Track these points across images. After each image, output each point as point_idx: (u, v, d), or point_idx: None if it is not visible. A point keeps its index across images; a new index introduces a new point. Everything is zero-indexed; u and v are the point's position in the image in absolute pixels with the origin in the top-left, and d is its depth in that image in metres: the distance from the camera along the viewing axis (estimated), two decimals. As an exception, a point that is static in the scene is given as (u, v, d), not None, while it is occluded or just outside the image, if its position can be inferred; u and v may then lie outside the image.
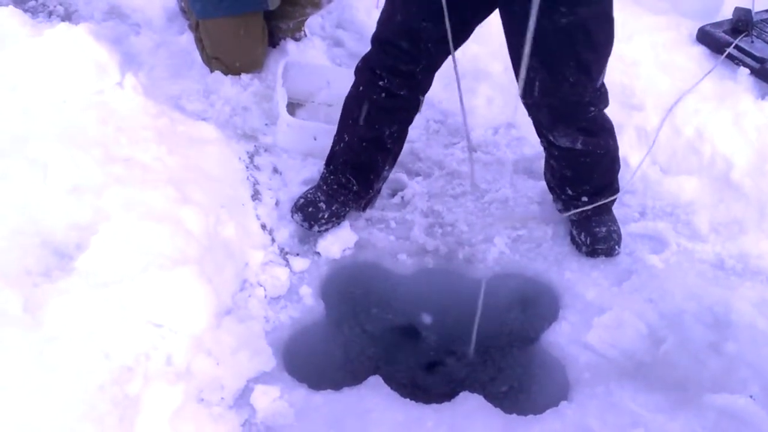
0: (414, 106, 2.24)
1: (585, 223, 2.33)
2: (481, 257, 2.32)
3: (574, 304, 2.19)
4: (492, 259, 2.31)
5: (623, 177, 2.41)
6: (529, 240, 2.38)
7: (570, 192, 2.31)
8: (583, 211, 2.29)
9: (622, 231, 2.37)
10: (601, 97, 2.10)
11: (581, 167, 2.24)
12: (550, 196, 2.42)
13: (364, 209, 2.40)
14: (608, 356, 2.05)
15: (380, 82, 2.15)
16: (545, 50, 1.90)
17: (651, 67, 2.79)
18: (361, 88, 2.22)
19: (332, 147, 2.35)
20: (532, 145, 2.70)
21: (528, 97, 2.07)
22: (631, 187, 2.50)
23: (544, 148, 2.28)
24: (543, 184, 2.45)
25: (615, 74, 2.69)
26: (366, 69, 2.19)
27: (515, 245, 2.36)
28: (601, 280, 2.26)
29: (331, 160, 2.35)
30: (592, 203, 2.28)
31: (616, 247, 2.32)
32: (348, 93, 2.29)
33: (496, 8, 2.02)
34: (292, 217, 2.34)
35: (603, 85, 2.10)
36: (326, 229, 2.31)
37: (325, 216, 2.29)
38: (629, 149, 2.57)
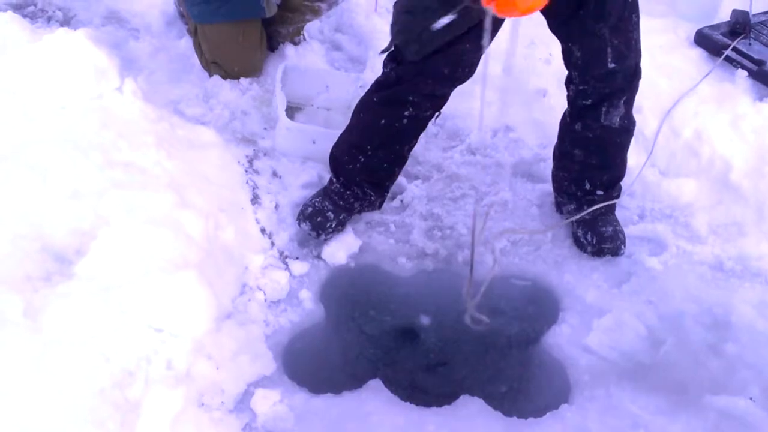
0: (434, 116, 2.25)
1: (591, 223, 2.33)
2: (480, 260, 2.31)
3: (574, 306, 2.20)
4: (492, 261, 2.31)
5: (623, 180, 2.41)
6: (529, 242, 2.38)
7: (587, 186, 2.32)
8: (594, 209, 2.28)
9: (622, 233, 2.38)
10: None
11: (610, 149, 2.27)
12: (550, 199, 2.43)
13: (380, 207, 2.42)
14: (608, 358, 2.05)
15: (407, 111, 2.15)
16: (614, 16, 1.99)
17: (649, 70, 2.74)
18: (383, 121, 2.20)
19: (343, 164, 2.30)
20: (530, 148, 2.71)
21: (599, 67, 2.09)
22: (630, 190, 2.50)
23: (571, 139, 2.28)
24: (542, 186, 2.45)
25: (613, 77, 2.70)
26: (395, 102, 2.15)
27: (515, 248, 2.37)
28: (601, 283, 2.27)
29: (342, 175, 2.32)
30: (604, 199, 2.30)
31: (622, 246, 2.33)
32: (365, 121, 2.25)
33: None
34: (299, 225, 2.33)
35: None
36: (332, 237, 2.32)
37: (333, 225, 2.30)
38: (629, 151, 2.56)
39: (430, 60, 2.04)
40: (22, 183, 2.04)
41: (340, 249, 2.30)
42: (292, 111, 2.76)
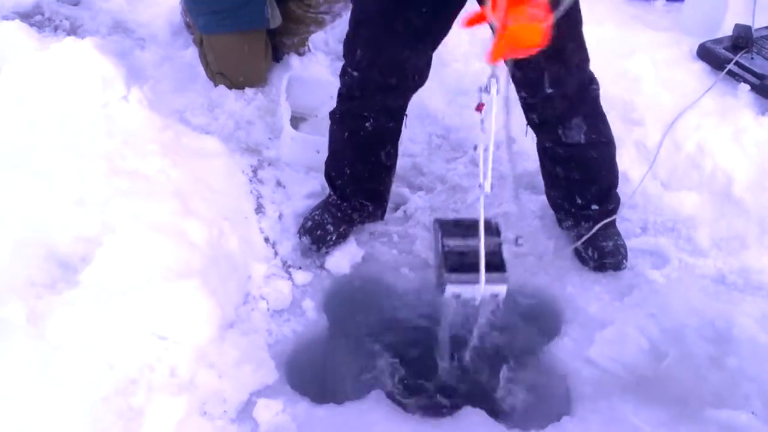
0: (401, 125, 2.26)
1: (592, 238, 2.33)
2: (483, 271, 2.32)
3: (576, 319, 2.20)
4: (494, 273, 2.32)
5: (624, 192, 2.42)
6: (532, 254, 2.38)
7: (579, 201, 2.31)
8: (592, 228, 2.30)
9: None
10: (588, 65, 2.12)
11: (589, 164, 2.25)
12: (552, 210, 2.43)
13: (382, 218, 2.42)
14: (610, 371, 2.05)
15: (367, 123, 2.17)
16: (550, 46, 1.93)
17: (652, 83, 2.80)
18: (347, 134, 2.23)
19: (334, 178, 2.34)
20: (534, 160, 2.71)
21: (536, 95, 2.08)
22: (632, 202, 2.50)
23: (547, 158, 2.28)
24: (545, 198, 2.45)
25: (616, 90, 2.72)
26: (348, 116, 2.20)
27: (517, 259, 2.36)
28: (603, 295, 2.27)
29: (336, 188, 2.34)
30: (601, 212, 2.30)
31: (624, 261, 2.33)
32: (335, 133, 2.29)
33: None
34: (299, 239, 2.35)
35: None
36: (334, 248, 2.33)
37: (333, 238, 2.32)
38: (630, 164, 2.57)
39: (377, 74, 2.06)
40: (28, 189, 2.05)
41: (344, 259, 2.31)
42: (296, 121, 2.78)
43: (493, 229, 1.83)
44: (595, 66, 2.13)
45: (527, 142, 2.70)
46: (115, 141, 2.28)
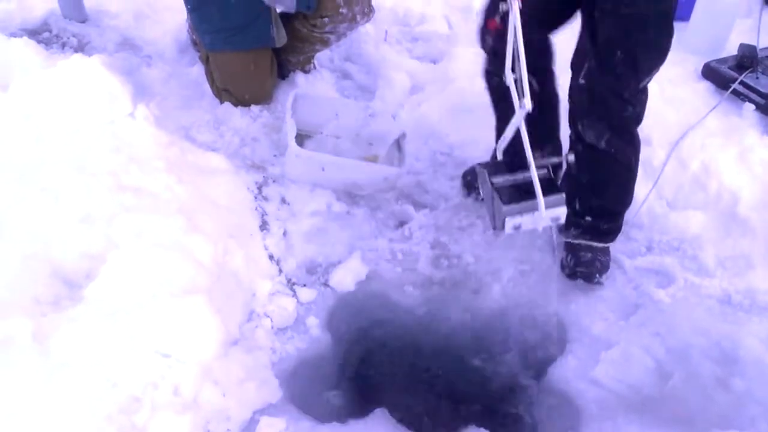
0: None
1: (575, 247, 2.34)
2: (487, 290, 2.32)
3: (581, 338, 2.19)
4: (499, 291, 2.31)
5: (629, 210, 2.42)
6: (537, 272, 2.38)
7: (577, 206, 2.30)
8: (582, 238, 2.31)
9: (629, 265, 2.38)
10: (640, 99, 2.13)
11: (599, 173, 2.24)
12: (556, 229, 2.43)
13: None
14: (616, 391, 2.04)
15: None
16: (601, 36, 2.00)
17: (657, 102, 2.80)
18: None
19: None
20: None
21: (575, 78, 2.13)
22: (638, 221, 2.50)
23: (570, 147, 2.28)
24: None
25: (621, 109, 2.72)
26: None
27: (522, 278, 2.36)
28: (608, 314, 2.26)
29: None
30: (593, 227, 2.29)
31: (597, 275, 2.33)
32: None
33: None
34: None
35: (646, 90, 2.13)
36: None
37: None
38: (637, 182, 2.57)
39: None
40: (34, 206, 2.06)
41: (348, 276, 2.31)
42: (301, 138, 2.78)
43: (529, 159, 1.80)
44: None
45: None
46: (121, 157, 2.29)
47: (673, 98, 2.85)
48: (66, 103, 2.35)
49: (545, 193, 1.76)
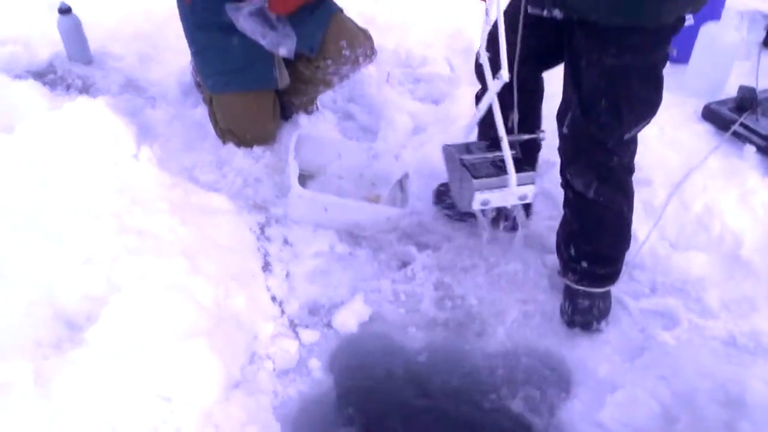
0: None
1: (573, 293, 2.33)
2: (491, 331, 2.31)
3: (586, 381, 2.17)
4: (503, 333, 2.30)
5: (631, 250, 2.41)
6: (541, 314, 2.37)
7: (572, 252, 2.28)
8: (580, 284, 2.30)
9: (634, 306, 2.37)
10: (627, 150, 2.12)
11: (589, 221, 2.23)
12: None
13: None
14: (622, 435, 2.02)
15: None
16: (585, 86, 1.99)
17: (658, 144, 2.83)
18: None
19: None
20: (542, 219, 2.73)
21: (560, 128, 2.13)
22: (640, 263, 2.50)
23: (564, 192, 2.29)
24: (553, 258, 2.45)
25: (622, 150, 2.74)
26: None
27: (526, 320, 2.35)
28: (613, 357, 2.24)
29: None
30: (590, 272, 2.27)
31: (595, 322, 2.31)
32: None
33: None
34: None
35: (634, 141, 2.12)
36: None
37: None
38: (637, 224, 2.55)
39: None
40: (37, 249, 2.06)
41: (351, 317, 2.30)
42: (304, 178, 2.79)
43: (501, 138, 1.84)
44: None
45: (536, 201, 2.72)
46: (124, 199, 2.29)
47: (674, 140, 2.86)
48: (71, 145, 2.36)
49: (516, 170, 1.77)
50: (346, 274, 2.46)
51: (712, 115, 3.02)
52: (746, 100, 3.01)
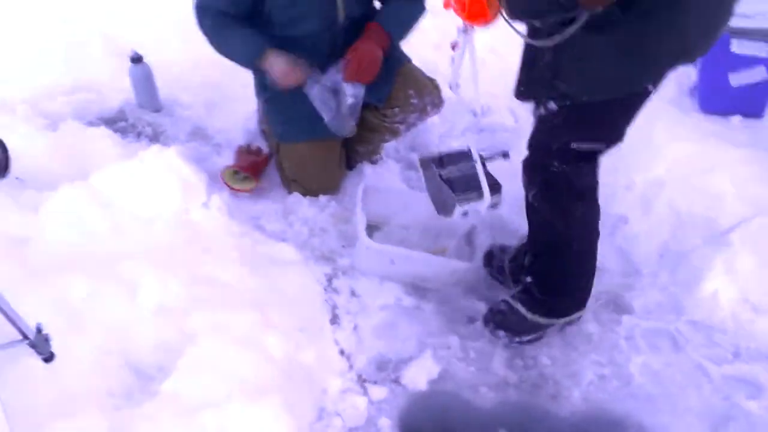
0: None
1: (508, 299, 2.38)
2: (566, 393, 2.23)
3: (669, 450, 2.07)
4: (578, 395, 2.22)
5: (713, 314, 2.32)
6: (618, 376, 2.28)
7: (525, 260, 2.35)
8: (516, 297, 2.35)
9: (715, 372, 2.26)
10: (569, 159, 2.06)
11: (531, 227, 2.30)
12: (638, 331, 2.35)
13: None
14: None
15: None
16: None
17: (734, 200, 2.73)
18: None
19: None
20: (614, 277, 2.64)
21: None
22: (721, 326, 2.40)
23: None
24: (628, 318, 2.36)
25: (699, 208, 2.67)
26: None
27: (602, 382, 2.26)
28: (696, 425, 2.13)
29: None
30: (529, 290, 2.32)
31: (491, 325, 2.38)
32: None
33: None
34: None
35: (583, 157, 2.08)
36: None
37: None
38: (720, 285, 2.47)
39: None
40: (111, 298, 2.06)
41: (420, 374, 2.24)
42: (370, 229, 2.76)
43: (472, 154, 2.24)
44: (674, 181, 2.09)
45: (608, 259, 2.65)
46: (195, 248, 2.30)
47: (752, 196, 2.76)
48: (144, 193, 2.39)
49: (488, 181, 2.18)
50: (413, 329, 2.41)
51: (788, 170, 2.91)
52: (827, 156, 2.91)
